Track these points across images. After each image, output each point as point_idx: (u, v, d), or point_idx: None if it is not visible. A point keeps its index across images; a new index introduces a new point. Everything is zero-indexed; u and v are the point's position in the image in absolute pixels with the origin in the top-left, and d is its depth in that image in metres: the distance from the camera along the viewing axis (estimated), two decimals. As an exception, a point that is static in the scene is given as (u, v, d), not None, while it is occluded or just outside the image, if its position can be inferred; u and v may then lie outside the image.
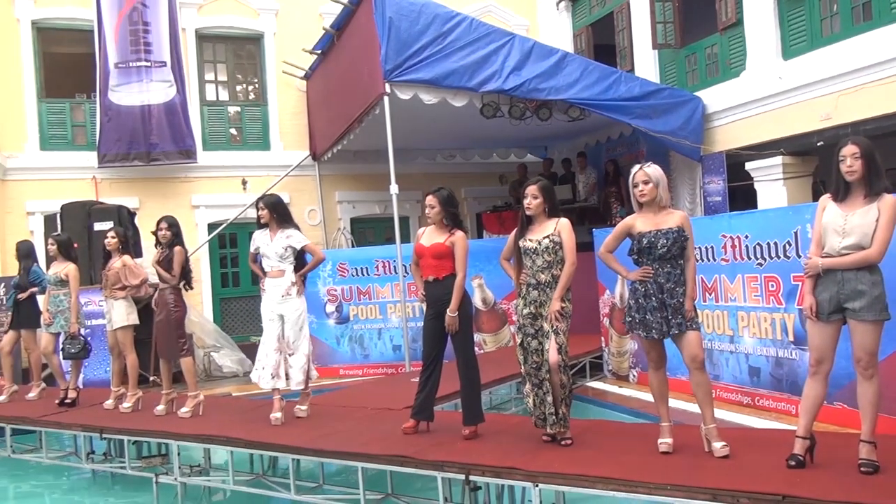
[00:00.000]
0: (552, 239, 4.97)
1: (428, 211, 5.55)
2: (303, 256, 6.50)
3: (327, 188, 14.28)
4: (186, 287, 7.05)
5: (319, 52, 12.49)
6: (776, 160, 9.78)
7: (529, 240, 5.05)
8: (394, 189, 9.52)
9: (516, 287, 5.22)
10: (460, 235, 5.46)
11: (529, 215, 5.10)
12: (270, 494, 5.98)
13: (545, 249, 4.97)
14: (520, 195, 5.42)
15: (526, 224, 5.13)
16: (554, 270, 4.98)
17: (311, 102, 13.94)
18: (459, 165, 14.90)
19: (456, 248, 5.41)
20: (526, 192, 5.11)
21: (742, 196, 10.54)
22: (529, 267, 5.05)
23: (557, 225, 5.02)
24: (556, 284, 4.95)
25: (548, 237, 4.98)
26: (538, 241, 5.00)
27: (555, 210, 5.12)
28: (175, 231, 6.95)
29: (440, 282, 5.43)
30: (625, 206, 11.40)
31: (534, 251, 5.01)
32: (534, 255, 5.01)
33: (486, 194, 15.13)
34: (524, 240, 5.09)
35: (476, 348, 5.89)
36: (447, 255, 5.41)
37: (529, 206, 5.07)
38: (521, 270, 5.14)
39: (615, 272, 4.98)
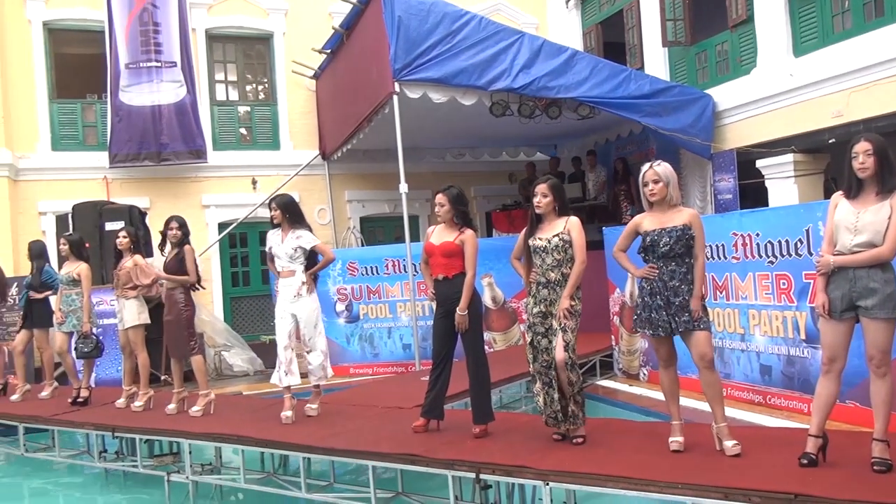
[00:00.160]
0: (562, 237, 4.96)
1: (438, 209, 5.55)
2: (315, 256, 6.50)
3: (337, 187, 14.30)
4: (198, 287, 7.08)
5: (329, 52, 12.50)
6: (787, 158, 9.73)
7: (539, 238, 5.04)
8: (403, 188, 9.52)
9: (526, 286, 5.21)
10: (470, 234, 5.46)
11: (539, 214, 5.08)
12: (281, 493, 5.99)
13: (555, 248, 4.96)
14: (529, 194, 5.41)
15: (536, 222, 5.11)
16: (564, 269, 4.95)
17: (320, 102, 13.97)
18: (469, 164, 14.89)
19: (465, 246, 5.40)
20: (535, 191, 5.09)
21: (753, 194, 10.48)
22: (539, 265, 5.04)
23: (567, 223, 5.01)
24: (565, 283, 4.93)
25: (557, 235, 4.97)
26: (548, 240, 4.98)
27: (565, 208, 5.10)
28: (185, 231, 7.00)
29: (450, 280, 5.43)
30: (635, 204, 11.36)
31: (543, 249, 5.00)
32: (543, 254, 5.00)
33: (495, 193, 15.13)
34: (534, 238, 5.07)
35: (486, 347, 5.88)
36: (457, 253, 5.41)
37: (539, 205, 5.05)
38: (531, 269, 5.12)
39: (626, 271, 4.99)
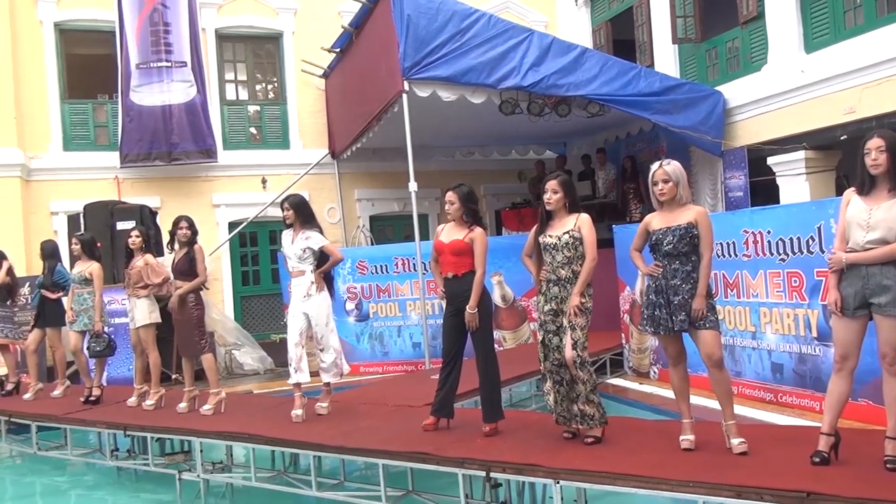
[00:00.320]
0: (572, 234, 4.92)
1: (448, 207, 5.53)
2: (327, 256, 6.50)
3: (346, 186, 14.32)
4: (203, 286, 7.11)
5: (338, 51, 12.51)
6: (798, 155, 9.67)
7: (549, 235, 5.01)
8: (413, 186, 9.52)
9: (536, 283, 5.18)
10: (479, 232, 5.44)
11: (549, 210, 5.05)
12: (292, 491, 6.00)
13: (565, 245, 4.92)
14: (539, 191, 5.38)
15: (546, 220, 5.08)
16: (574, 266, 4.92)
17: (329, 101, 13.99)
18: (478, 162, 14.87)
19: (475, 244, 5.39)
20: (546, 187, 5.04)
21: (764, 191, 10.42)
22: (549, 263, 5.00)
23: (578, 220, 4.97)
24: (576, 280, 4.89)
25: (568, 233, 4.93)
26: (558, 237, 4.95)
27: (575, 205, 5.07)
28: (195, 230, 7.04)
29: (459, 278, 5.42)
30: (644, 202, 11.32)
31: (553, 247, 4.97)
32: (554, 251, 4.97)
33: (504, 191, 15.12)
34: (544, 235, 5.04)
35: (496, 345, 5.87)
36: (466, 251, 5.39)
37: (549, 201, 5.01)
38: (542, 267, 5.09)
39: (638, 269, 4.98)
